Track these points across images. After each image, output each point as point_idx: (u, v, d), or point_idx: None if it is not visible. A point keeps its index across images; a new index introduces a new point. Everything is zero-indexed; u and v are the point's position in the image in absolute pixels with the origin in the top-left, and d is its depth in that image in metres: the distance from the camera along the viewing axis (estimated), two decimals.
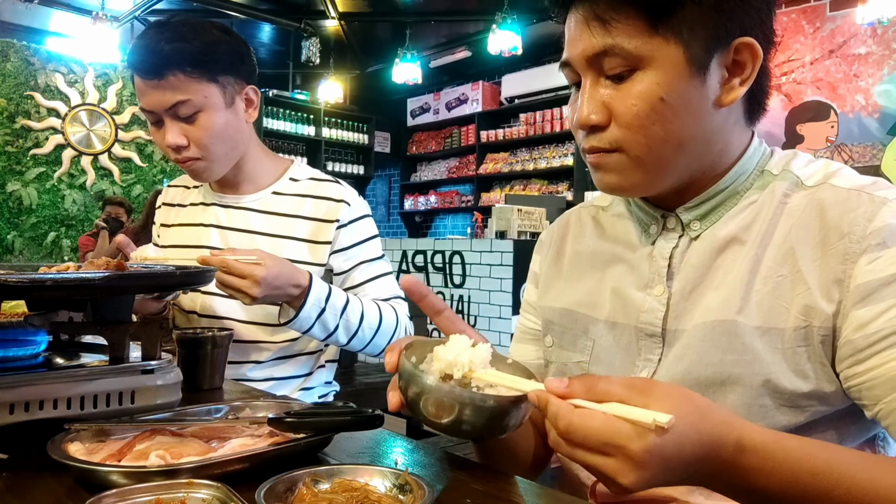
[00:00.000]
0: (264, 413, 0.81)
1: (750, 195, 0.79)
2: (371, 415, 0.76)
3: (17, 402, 0.76)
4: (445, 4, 6.11)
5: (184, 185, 1.56)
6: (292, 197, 1.42)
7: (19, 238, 5.63)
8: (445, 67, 7.44)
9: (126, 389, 0.84)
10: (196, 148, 1.30)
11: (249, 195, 1.44)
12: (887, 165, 4.63)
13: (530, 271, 1.02)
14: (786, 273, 0.72)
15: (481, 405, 0.65)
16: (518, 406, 0.67)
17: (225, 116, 1.32)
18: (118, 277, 0.82)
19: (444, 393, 0.65)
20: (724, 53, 0.73)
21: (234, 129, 1.35)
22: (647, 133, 0.73)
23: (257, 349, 1.38)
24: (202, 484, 0.60)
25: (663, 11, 0.70)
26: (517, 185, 7.20)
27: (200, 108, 1.28)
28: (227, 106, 1.32)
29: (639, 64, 0.72)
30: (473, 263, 4.45)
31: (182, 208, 1.52)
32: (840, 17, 4.81)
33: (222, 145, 1.33)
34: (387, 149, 8.60)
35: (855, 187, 0.73)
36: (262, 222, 1.41)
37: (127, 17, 6.13)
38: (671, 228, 0.82)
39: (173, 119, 1.28)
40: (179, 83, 1.25)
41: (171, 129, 1.28)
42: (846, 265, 0.69)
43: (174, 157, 1.32)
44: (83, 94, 5.89)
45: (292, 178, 1.46)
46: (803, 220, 0.74)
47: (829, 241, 0.71)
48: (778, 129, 5.15)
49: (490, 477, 0.72)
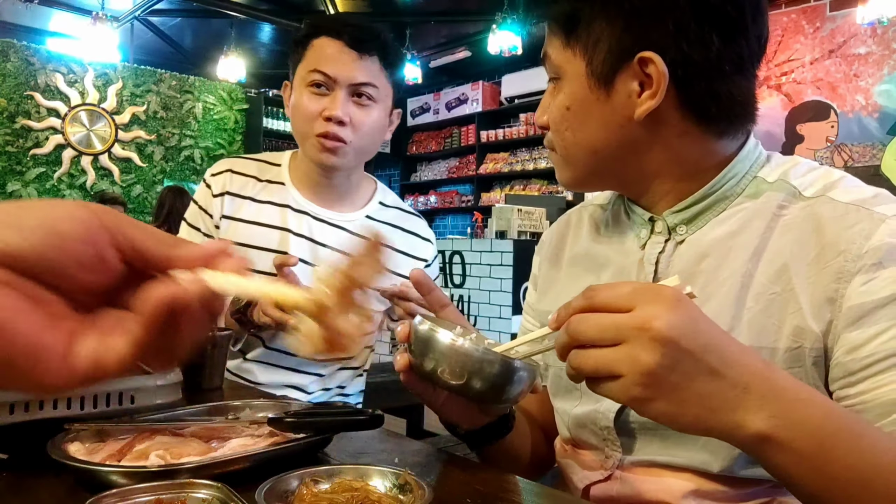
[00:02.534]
0: (264, 413, 0.81)
1: (739, 202, 0.77)
2: (371, 415, 0.76)
3: (17, 402, 0.76)
4: (445, 4, 6.12)
5: (253, 175, 1.39)
6: (384, 225, 1.42)
7: None
8: (445, 67, 7.45)
9: (126, 389, 0.84)
10: (351, 131, 1.29)
11: (346, 213, 1.39)
12: (887, 165, 4.63)
13: (531, 273, 1.02)
14: (779, 291, 0.70)
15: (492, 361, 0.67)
16: (529, 369, 0.69)
17: (383, 120, 1.35)
18: None
19: (457, 348, 0.67)
20: (628, 68, 0.73)
21: (381, 135, 1.37)
22: (562, 136, 0.80)
23: (324, 364, 1.38)
24: (202, 484, 0.60)
25: (570, 27, 0.76)
26: (517, 185, 7.20)
27: (377, 100, 1.31)
28: (387, 113, 1.36)
29: (558, 73, 0.79)
30: (473, 263, 4.45)
31: (254, 203, 1.36)
32: (840, 17, 4.82)
33: (369, 141, 1.33)
34: (387, 149, 8.59)
35: (854, 202, 0.70)
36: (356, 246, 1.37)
37: (127, 17, 6.14)
38: (658, 232, 0.81)
39: (349, 95, 1.28)
40: (375, 69, 1.29)
41: (344, 103, 1.27)
42: (839, 284, 0.67)
43: (321, 131, 1.27)
44: (83, 94, 5.89)
45: (382, 202, 1.45)
46: (799, 235, 0.71)
47: (825, 258, 0.68)
48: (778, 128, 5.15)
49: (490, 477, 0.72)
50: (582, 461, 0.84)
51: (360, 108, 1.29)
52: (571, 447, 0.87)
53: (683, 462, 0.73)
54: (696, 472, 0.73)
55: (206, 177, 1.40)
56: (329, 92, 1.27)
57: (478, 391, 0.68)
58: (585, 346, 0.56)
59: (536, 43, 6.23)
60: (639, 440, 0.78)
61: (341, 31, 1.26)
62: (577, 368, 0.56)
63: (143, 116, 6.18)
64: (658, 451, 0.76)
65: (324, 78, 1.27)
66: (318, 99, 1.28)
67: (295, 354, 1.34)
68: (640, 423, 0.77)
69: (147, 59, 6.68)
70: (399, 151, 8.51)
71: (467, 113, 7.66)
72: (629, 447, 0.78)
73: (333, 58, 1.26)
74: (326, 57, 1.27)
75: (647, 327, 0.53)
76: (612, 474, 0.79)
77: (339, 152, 1.29)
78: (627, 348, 0.53)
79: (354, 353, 1.26)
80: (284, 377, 1.35)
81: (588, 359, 0.56)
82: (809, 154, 5.00)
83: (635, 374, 0.53)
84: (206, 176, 1.40)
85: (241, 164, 1.40)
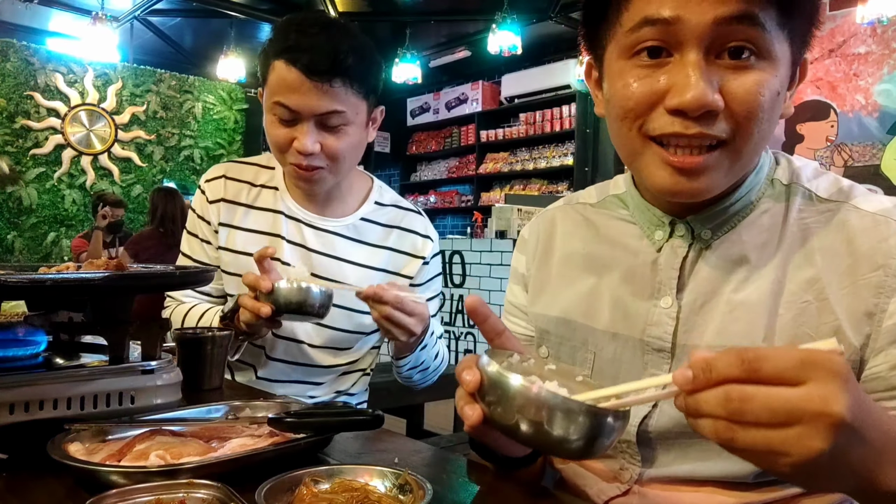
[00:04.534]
0: (264, 413, 0.81)
1: (762, 204, 0.75)
2: (371, 415, 0.76)
3: (17, 402, 0.76)
4: (445, 4, 6.11)
5: (248, 180, 1.38)
6: (379, 226, 1.40)
7: (19, 238, 5.63)
8: (445, 67, 7.45)
9: (126, 389, 0.84)
10: (327, 158, 1.23)
11: (339, 219, 1.37)
12: (887, 165, 4.63)
13: (513, 271, 0.96)
14: (811, 299, 0.69)
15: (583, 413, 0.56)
16: (624, 419, 0.58)
17: (361, 134, 1.28)
18: (118, 277, 0.82)
19: (538, 398, 0.56)
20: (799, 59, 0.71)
21: (362, 146, 1.30)
22: (759, 127, 0.67)
23: (322, 371, 1.37)
24: (202, 484, 0.60)
25: (793, 11, 0.66)
26: (517, 185, 7.20)
27: (348, 122, 1.23)
28: (366, 125, 1.29)
29: (763, 52, 0.65)
30: (473, 263, 4.45)
31: (251, 210, 1.36)
32: (840, 17, 4.81)
33: (351, 161, 1.28)
34: (387, 149, 8.60)
35: (881, 212, 0.70)
36: (351, 250, 1.36)
37: (127, 17, 6.14)
38: (680, 236, 0.77)
39: (316, 125, 1.21)
40: (342, 94, 1.19)
41: (310, 133, 1.20)
42: (879, 299, 0.66)
43: (294, 161, 1.22)
44: (83, 94, 5.89)
45: (378, 202, 1.42)
46: (828, 244, 0.70)
47: (860, 270, 0.68)
48: (778, 128, 5.15)
49: (490, 477, 0.72)
50: (597, 473, 0.82)
51: (331, 134, 1.22)
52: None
53: (704, 473, 0.72)
54: (716, 483, 0.72)
55: (201, 183, 1.39)
56: (295, 123, 1.21)
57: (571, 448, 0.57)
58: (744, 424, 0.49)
59: (536, 43, 6.25)
60: (659, 451, 0.76)
61: (297, 58, 1.16)
62: (730, 443, 0.49)
63: (142, 116, 6.19)
64: (678, 462, 0.74)
65: (287, 112, 1.20)
66: (286, 129, 1.22)
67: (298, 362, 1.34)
68: (659, 434, 0.75)
69: (147, 59, 6.68)
70: (399, 151, 8.51)
71: (467, 113, 7.65)
72: (649, 459, 0.77)
73: (293, 89, 1.18)
74: (287, 87, 1.18)
75: (827, 413, 0.47)
76: (630, 489, 0.77)
77: (317, 178, 1.25)
78: (800, 431, 0.47)
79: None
80: (296, 389, 1.35)
81: (748, 438, 0.48)
82: (809, 154, 5.00)
83: (802, 458, 0.47)
84: (202, 182, 1.39)
85: (236, 170, 1.39)
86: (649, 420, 0.76)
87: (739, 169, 0.70)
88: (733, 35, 0.63)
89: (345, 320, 1.33)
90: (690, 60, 0.64)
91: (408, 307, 1.12)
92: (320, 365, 1.36)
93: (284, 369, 1.35)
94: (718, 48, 0.65)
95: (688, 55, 0.64)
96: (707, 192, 0.70)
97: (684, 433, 0.73)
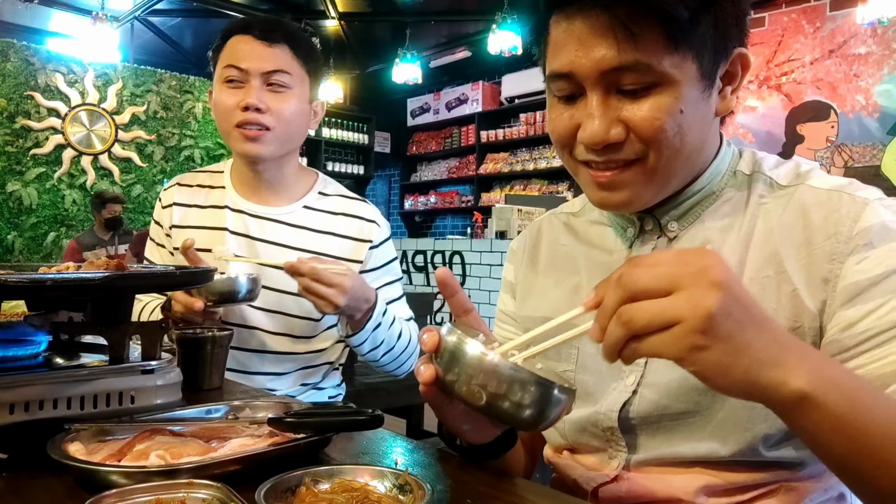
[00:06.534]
0: (264, 413, 0.81)
1: (725, 193, 0.79)
2: (371, 415, 0.76)
3: (17, 402, 0.76)
4: (445, 4, 6.12)
5: (199, 184, 1.49)
6: (324, 213, 1.44)
7: (19, 238, 5.63)
8: (445, 67, 7.45)
9: (126, 389, 0.84)
10: (270, 117, 1.34)
11: (282, 207, 1.43)
12: (887, 165, 4.63)
13: (504, 281, 1.01)
14: (771, 274, 0.72)
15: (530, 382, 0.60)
16: (570, 393, 0.63)
17: (302, 107, 1.40)
18: (118, 277, 0.82)
19: (502, 370, 0.60)
20: (724, 65, 0.74)
21: (302, 123, 1.42)
22: (669, 146, 0.71)
23: (281, 360, 1.39)
24: (202, 484, 0.60)
25: (685, 29, 0.68)
26: (517, 185, 7.21)
27: (291, 86, 1.36)
28: (307, 101, 1.41)
29: (660, 80, 0.69)
30: (473, 263, 4.45)
31: (200, 210, 1.46)
32: (840, 17, 4.82)
33: (290, 128, 1.38)
34: (387, 149, 8.61)
35: (834, 188, 0.74)
36: (295, 237, 1.41)
37: (127, 17, 6.14)
38: (648, 230, 0.82)
39: (263, 84, 1.34)
40: (285, 57, 1.35)
41: (257, 91, 1.33)
42: (833, 265, 0.70)
43: (240, 119, 1.33)
44: (83, 94, 5.88)
45: (321, 192, 1.47)
46: (785, 220, 0.74)
47: (815, 241, 0.71)
48: (778, 129, 5.15)
49: (490, 477, 0.72)
50: (584, 464, 0.84)
51: (276, 95, 1.34)
52: (569, 453, 0.87)
53: (690, 454, 0.74)
54: (704, 463, 0.73)
55: (160, 194, 1.54)
56: (244, 84, 1.33)
57: (505, 413, 0.61)
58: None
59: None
60: (643, 436, 0.78)
61: (249, 26, 1.34)
62: (629, 323, 0.54)
63: (143, 116, 6.18)
64: (665, 446, 0.76)
65: (237, 72, 1.33)
66: (234, 92, 1.34)
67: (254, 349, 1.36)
68: (641, 420, 0.77)
69: (147, 59, 6.68)
70: (399, 151, 8.51)
71: (467, 113, 7.66)
72: (634, 445, 0.78)
73: (244, 52, 1.34)
74: (238, 52, 1.34)
75: (706, 273, 0.52)
76: (619, 475, 0.79)
77: (262, 139, 1.34)
78: (686, 293, 0.52)
79: None
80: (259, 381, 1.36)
81: (642, 310, 0.53)
82: (810, 154, 5.00)
83: (696, 319, 0.52)
84: (161, 193, 1.54)
85: (189, 177, 1.53)
86: (629, 406, 0.78)
87: (662, 179, 0.75)
88: (621, 79, 0.70)
89: (294, 305, 1.37)
90: (591, 101, 0.72)
91: (325, 278, 1.16)
92: (278, 351, 1.38)
93: (240, 357, 1.36)
94: (616, 87, 0.71)
95: (591, 97, 0.72)
96: (631, 204, 0.77)
97: (666, 415, 0.76)
